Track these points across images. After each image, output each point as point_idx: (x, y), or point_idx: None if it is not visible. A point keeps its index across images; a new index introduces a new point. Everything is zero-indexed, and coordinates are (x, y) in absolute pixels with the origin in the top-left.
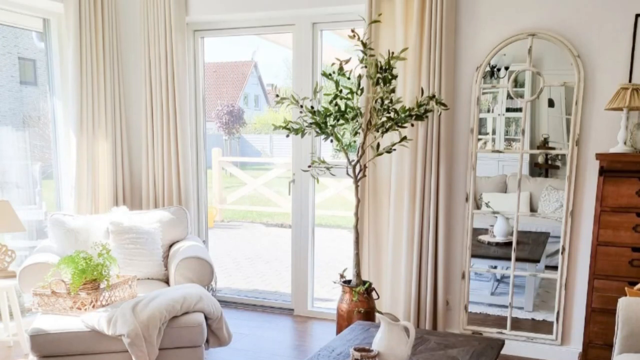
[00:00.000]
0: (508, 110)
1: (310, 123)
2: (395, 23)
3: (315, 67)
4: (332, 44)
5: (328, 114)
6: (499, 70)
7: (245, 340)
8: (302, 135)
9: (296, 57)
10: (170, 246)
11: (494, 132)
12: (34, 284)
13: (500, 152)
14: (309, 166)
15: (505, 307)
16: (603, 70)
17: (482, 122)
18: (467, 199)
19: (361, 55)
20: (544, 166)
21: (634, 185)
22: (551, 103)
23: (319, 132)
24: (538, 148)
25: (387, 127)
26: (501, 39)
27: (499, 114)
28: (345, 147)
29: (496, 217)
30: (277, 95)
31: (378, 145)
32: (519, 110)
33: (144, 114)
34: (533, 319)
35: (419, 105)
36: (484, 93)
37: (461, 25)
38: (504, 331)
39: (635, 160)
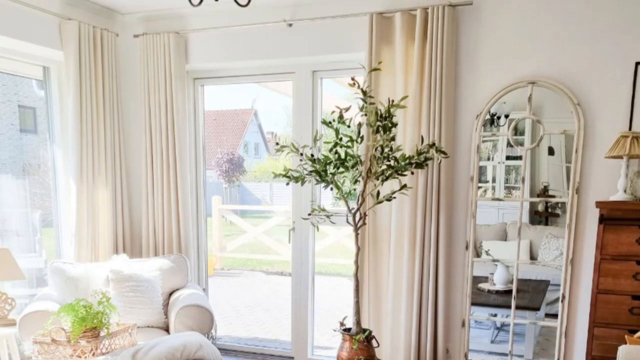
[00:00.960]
0: (508, 158)
1: (310, 171)
2: (395, 71)
3: (315, 115)
4: (332, 91)
5: (328, 162)
6: (499, 118)
7: None
8: (302, 183)
9: (296, 105)
10: (170, 294)
11: (494, 180)
12: (34, 332)
13: (500, 200)
14: (309, 214)
15: (506, 355)
16: (603, 118)
17: (482, 170)
18: (467, 247)
19: (361, 103)
20: (544, 214)
21: (634, 233)
22: (551, 151)
23: (319, 180)
24: (538, 196)
25: (387, 175)
26: (501, 87)
27: (499, 162)
28: (345, 195)
29: (496, 265)
30: (277, 143)
31: (378, 193)
32: (519, 158)
33: (144, 161)
34: None
35: (419, 153)
36: (484, 141)
37: (461, 74)
38: None
39: (635, 208)
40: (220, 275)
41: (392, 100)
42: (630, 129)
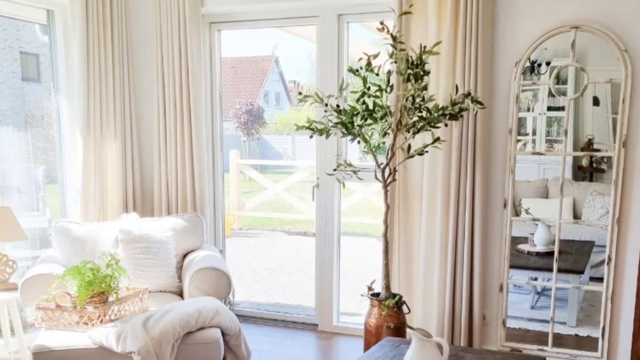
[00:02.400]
0: (549, 109)
1: (336, 123)
2: (428, 14)
3: (341, 63)
4: (359, 37)
5: (355, 113)
6: (539, 65)
7: (265, 358)
8: (327, 136)
9: (320, 51)
10: (184, 256)
11: (534, 133)
12: (37, 297)
13: (541, 154)
14: (335, 170)
15: (547, 322)
16: None
17: (521, 122)
18: (505, 205)
19: (390, 49)
20: (589, 169)
21: None
22: (596, 101)
23: (345, 132)
24: (582, 150)
25: (418, 127)
26: (542, 32)
27: (539, 113)
28: (373, 149)
29: (536, 224)
30: (300, 93)
31: (409, 146)
32: (562, 109)
33: (155, 113)
34: (576, 335)
35: (453, 104)
36: (523, 90)
37: (499, 17)
38: (545, 348)
39: None
40: (239, 236)
41: (424, 46)
42: None
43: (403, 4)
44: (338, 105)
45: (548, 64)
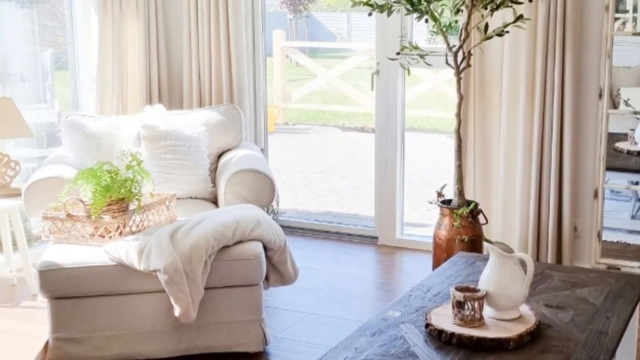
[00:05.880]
0: None
1: None
2: None
3: None
4: None
5: None
6: None
7: (315, 277)
8: (389, 14)
9: None
10: (219, 156)
11: (635, 10)
12: (44, 204)
13: None
14: (398, 53)
15: None
16: None
17: None
18: (600, 96)
19: None
20: None
21: None
22: None
23: (411, 9)
24: None
25: (497, 2)
26: None
27: None
28: (443, 29)
29: (638, 118)
30: None
31: (486, 26)
32: None
33: None
34: None
35: None
36: None
37: None
38: None
39: None
40: (284, 132)
41: None
42: None
43: None
44: None
45: None
